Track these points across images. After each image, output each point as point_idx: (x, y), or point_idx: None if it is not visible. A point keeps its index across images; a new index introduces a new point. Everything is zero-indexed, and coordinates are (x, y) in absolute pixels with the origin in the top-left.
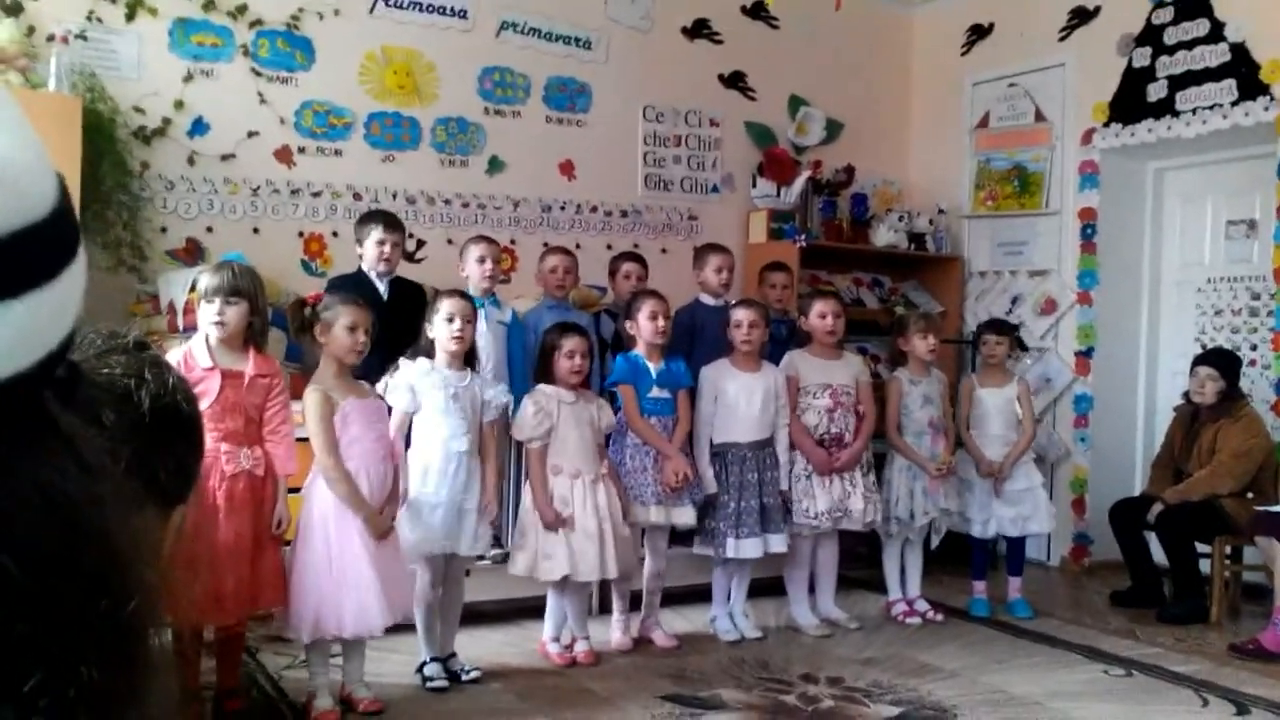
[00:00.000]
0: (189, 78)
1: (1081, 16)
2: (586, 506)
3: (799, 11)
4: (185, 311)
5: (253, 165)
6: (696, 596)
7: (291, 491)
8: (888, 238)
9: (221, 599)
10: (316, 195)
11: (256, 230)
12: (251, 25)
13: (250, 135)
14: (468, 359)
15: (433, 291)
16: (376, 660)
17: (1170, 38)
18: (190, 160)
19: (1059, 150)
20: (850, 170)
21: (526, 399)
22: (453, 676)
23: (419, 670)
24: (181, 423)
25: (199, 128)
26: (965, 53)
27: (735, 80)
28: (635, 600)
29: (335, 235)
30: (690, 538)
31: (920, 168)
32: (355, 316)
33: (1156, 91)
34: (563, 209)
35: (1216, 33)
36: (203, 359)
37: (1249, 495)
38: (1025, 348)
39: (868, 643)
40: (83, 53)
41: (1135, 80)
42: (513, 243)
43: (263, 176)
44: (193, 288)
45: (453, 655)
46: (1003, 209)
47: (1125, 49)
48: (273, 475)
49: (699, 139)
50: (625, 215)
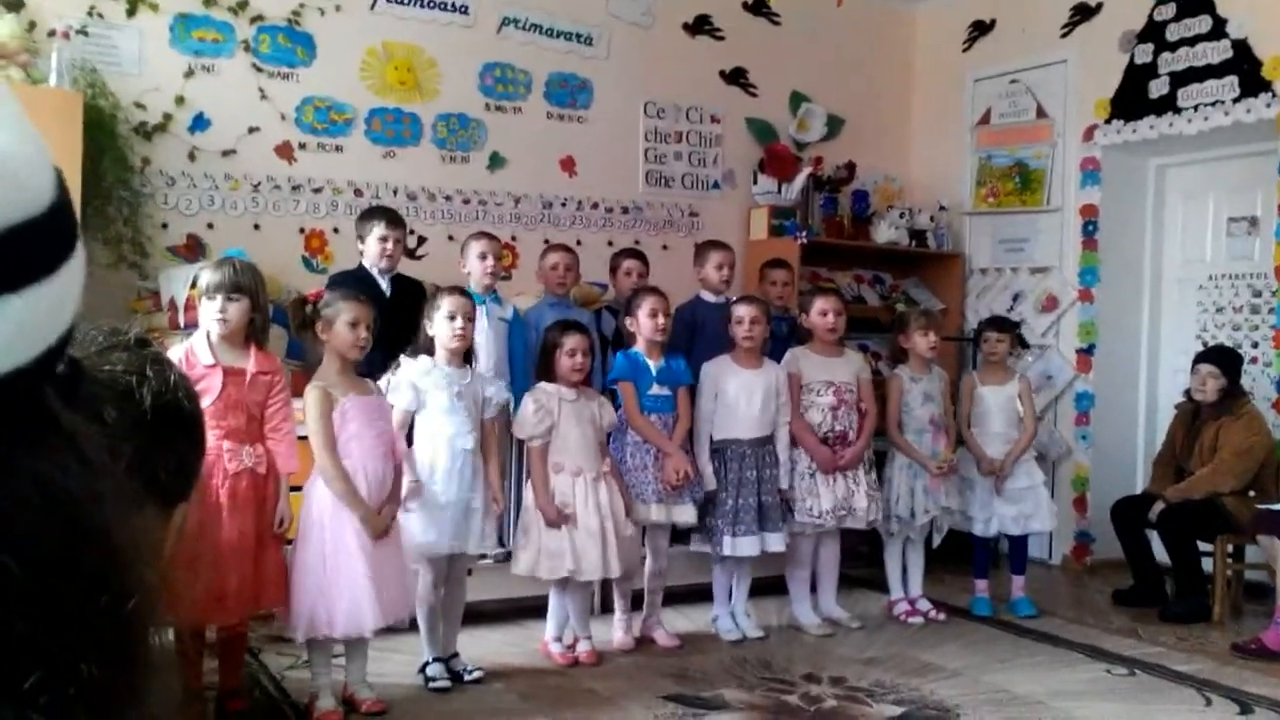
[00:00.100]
0: (190, 73)
1: (1083, 13)
2: (588, 505)
3: (800, 7)
4: (186, 308)
5: (254, 161)
6: (698, 596)
7: (293, 490)
8: (889, 234)
9: (224, 598)
10: (317, 191)
11: (257, 226)
12: (252, 21)
13: (251, 131)
14: (465, 356)
15: (432, 288)
16: (379, 660)
17: (1172, 34)
18: (191, 156)
19: (1060, 147)
20: (851, 167)
21: (527, 397)
22: (455, 676)
23: (421, 670)
24: (183, 420)
25: (200, 123)
26: (967, 49)
27: (736, 76)
28: (637, 600)
29: (336, 231)
30: (689, 536)
31: (921, 164)
32: (356, 312)
33: (1158, 88)
34: (564, 205)
35: (1218, 29)
36: (204, 356)
37: (1251, 493)
38: (1026, 345)
39: (870, 642)
40: (84, 48)
41: (1137, 77)
42: (514, 239)
43: (264, 172)
44: (194, 284)
45: (455, 655)
46: (1004, 206)
47: (1127, 45)
48: (275, 473)
49: (700, 135)
50: (626, 212)
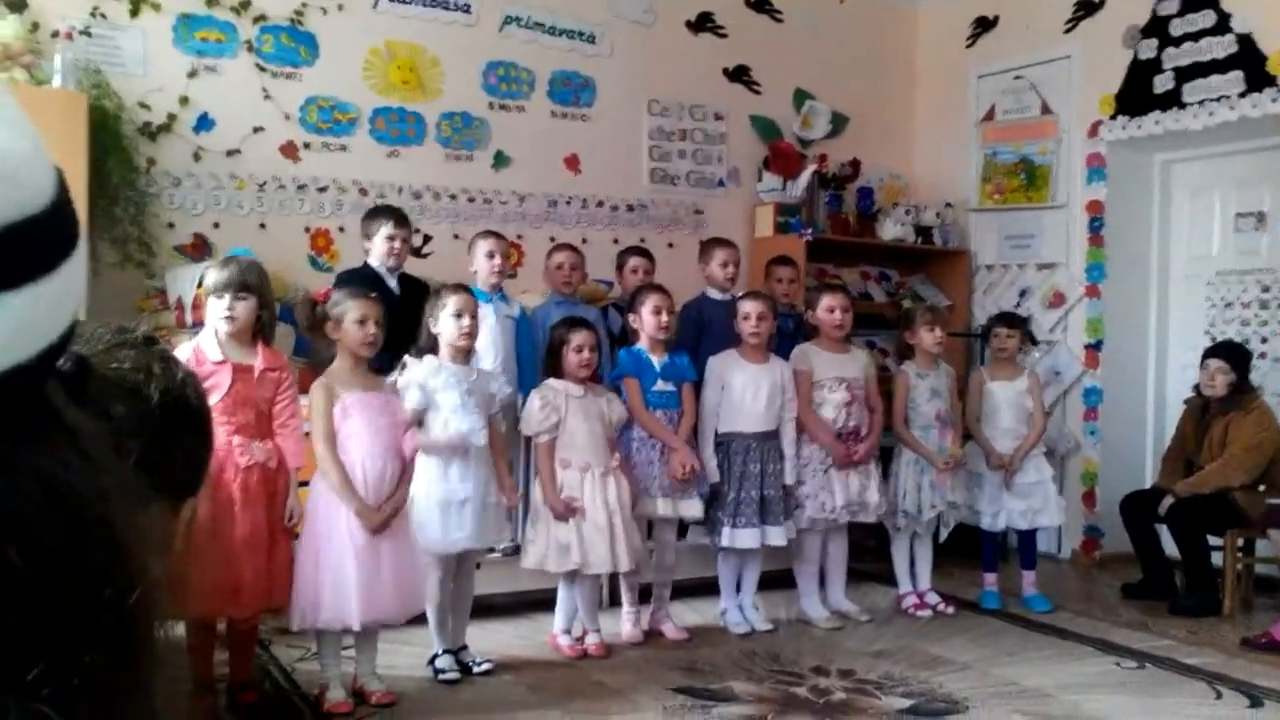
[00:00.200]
0: (194, 74)
1: (1087, 8)
2: (596, 500)
3: (803, 5)
4: (193, 307)
5: (258, 161)
6: (706, 589)
7: (303, 485)
8: (894, 231)
9: (239, 591)
10: (322, 191)
11: (263, 226)
12: (255, 21)
13: (256, 131)
14: (466, 353)
15: (436, 287)
16: (389, 653)
17: (1176, 29)
18: (196, 156)
19: (1065, 143)
20: (856, 164)
21: (533, 394)
22: (464, 669)
23: (431, 662)
24: (190, 416)
25: (204, 124)
26: (970, 45)
27: (740, 74)
28: (645, 593)
29: (341, 230)
30: (688, 528)
31: (926, 161)
32: (364, 309)
33: (1163, 83)
34: (568, 203)
35: (1223, 24)
36: (213, 353)
37: (1261, 488)
38: (1035, 341)
39: (878, 635)
40: (87, 49)
41: (1142, 72)
42: (519, 237)
43: (268, 172)
44: (200, 283)
45: (464, 648)
46: (1010, 202)
47: (1131, 41)
48: (285, 468)
49: (704, 133)
50: (631, 209)
